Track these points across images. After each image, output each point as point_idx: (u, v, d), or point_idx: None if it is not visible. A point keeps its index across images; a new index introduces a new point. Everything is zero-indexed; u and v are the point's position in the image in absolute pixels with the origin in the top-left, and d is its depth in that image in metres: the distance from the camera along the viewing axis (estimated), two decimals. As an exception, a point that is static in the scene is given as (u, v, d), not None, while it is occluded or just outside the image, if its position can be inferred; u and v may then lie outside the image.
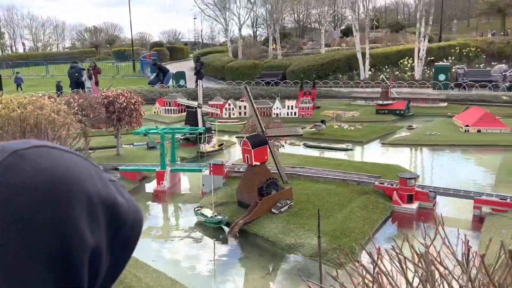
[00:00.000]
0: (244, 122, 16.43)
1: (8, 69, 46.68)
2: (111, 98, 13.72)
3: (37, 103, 11.19)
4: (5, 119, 5.53)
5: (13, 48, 79.13)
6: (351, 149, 16.27)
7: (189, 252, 8.95)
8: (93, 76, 27.73)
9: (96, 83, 29.21)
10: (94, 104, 12.87)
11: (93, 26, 75.99)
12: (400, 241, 2.63)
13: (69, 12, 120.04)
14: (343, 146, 16.51)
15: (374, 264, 2.33)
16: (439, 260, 2.16)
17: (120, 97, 13.84)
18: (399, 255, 2.33)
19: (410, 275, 2.38)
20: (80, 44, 78.97)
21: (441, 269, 2.08)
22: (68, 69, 29.43)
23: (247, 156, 9.67)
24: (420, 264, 2.16)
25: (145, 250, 8.65)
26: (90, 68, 28.96)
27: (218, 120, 21.73)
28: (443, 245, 2.52)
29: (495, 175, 12.10)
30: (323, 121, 18.70)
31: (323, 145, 16.88)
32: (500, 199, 9.27)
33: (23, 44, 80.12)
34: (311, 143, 17.08)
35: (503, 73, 28.68)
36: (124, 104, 13.73)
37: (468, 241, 2.08)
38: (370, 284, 2.36)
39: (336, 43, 48.44)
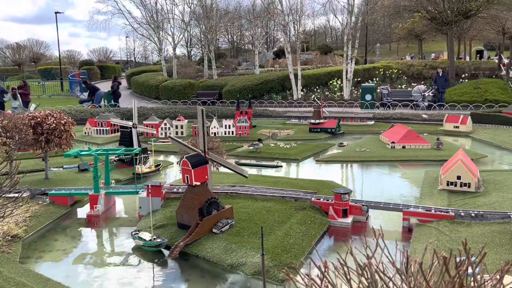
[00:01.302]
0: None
1: None
2: (39, 119, 12.96)
3: (-46, 125, 10.30)
4: None
5: None
6: (280, 166, 16.73)
7: (127, 278, 8.58)
8: (18, 96, 26.00)
9: (27, 103, 27.45)
10: (20, 126, 12.07)
11: (16, 43, 71.49)
12: (341, 253, 2.78)
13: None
14: (273, 163, 16.95)
15: (322, 276, 2.44)
16: (381, 269, 2.32)
17: (49, 117, 13.12)
18: (344, 267, 2.46)
19: (354, 286, 2.52)
20: (1, 61, 73.86)
21: (385, 278, 2.24)
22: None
23: (187, 176, 9.57)
24: (364, 274, 2.31)
25: (80, 279, 8.18)
26: (14, 88, 27.16)
27: (160, 140, 21.36)
28: (383, 255, 2.70)
29: (420, 188, 13.03)
30: (259, 140, 19.05)
31: (253, 162, 17.21)
32: (426, 210, 9.99)
33: None
34: (242, 161, 17.35)
35: (423, 93, 31.22)
36: (54, 125, 13.03)
37: (407, 250, 2.27)
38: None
39: (269, 64, 49.86)
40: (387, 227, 10.38)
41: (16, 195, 6.37)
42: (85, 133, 23.26)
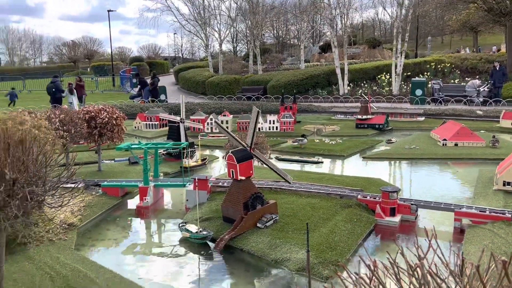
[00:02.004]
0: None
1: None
2: (92, 114, 13.57)
3: (18, 118, 10.99)
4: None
5: (-12, 63, 77.60)
6: (321, 162, 16.53)
7: (174, 268, 8.82)
8: (74, 91, 27.35)
9: (83, 96, 28.85)
10: (75, 120, 12.70)
11: (72, 40, 75.24)
12: (389, 253, 2.71)
13: (47, 27, 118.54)
14: (314, 159, 16.78)
15: (371, 275, 2.39)
16: (434, 271, 2.24)
17: (102, 112, 13.71)
18: (395, 267, 2.40)
19: (405, 286, 2.45)
20: (58, 58, 78.00)
21: (437, 279, 2.16)
22: (48, 83, 28.99)
23: (232, 171, 9.69)
24: (415, 275, 2.24)
25: (129, 267, 8.51)
26: (70, 83, 28.61)
27: (209, 135, 21.76)
28: (435, 256, 2.61)
29: (473, 188, 12.43)
30: (304, 135, 18.92)
31: (294, 158, 17.12)
32: (480, 211, 9.52)
33: (-1, 58, 78.78)
34: (282, 157, 17.31)
35: (477, 88, 29.66)
36: (106, 119, 13.60)
37: (462, 252, 2.17)
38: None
39: (315, 58, 49.27)
40: (437, 228, 10.00)
41: (72, 185, 6.71)
42: (135, 127, 24.11)
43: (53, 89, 28.26)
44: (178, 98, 31.10)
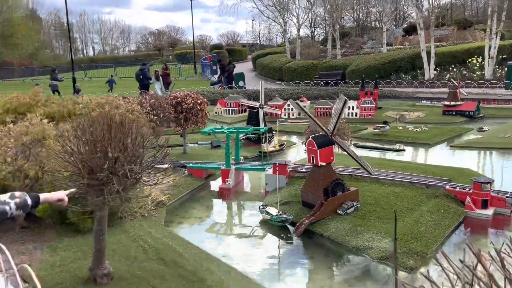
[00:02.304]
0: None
1: (80, 71, 49.73)
2: (179, 99, 14.28)
3: (113, 103, 11.92)
4: (95, 117, 5.98)
5: (84, 52, 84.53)
6: (403, 150, 15.79)
7: (254, 249, 9.09)
8: (160, 78, 28.90)
9: (168, 84, 30.46)
10: (163, 105, 13.47)
11: (157, 29, 79.27)
12: (478, 247, 2.56)
13: (134, 17, 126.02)
14: (395, 146, 16.07)
15: (475, 265, 2.29)
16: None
17: (188, 97, 14.37)
18: (504, 258, 2.27)
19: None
20: (145, 47, 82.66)
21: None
22: (137, 71, 30.93)
23: (313, 156, 9.68)
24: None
25: (212, 245, 8.93)
26: (156, 70, 30.27)
27: (288, 120, 21.91)
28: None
29: None
30: (386, 122, 18.23)
31: (373, 145, 16.55)
32: None
33: (93, 48, 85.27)
34: (360, 143, 16.82)
35: None
36: (191, 104, 14.24)
37: None
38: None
39: (398, 41, 46.89)
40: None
41: (162, 166, 7.15)
42: (215, 112, 24.92)
43: (141, 76, 30.11)
44: (256, 84, 31.45)
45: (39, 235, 7.92)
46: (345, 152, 10.21)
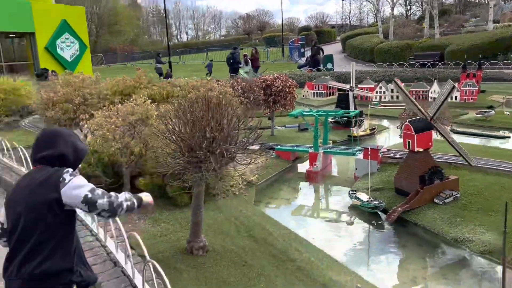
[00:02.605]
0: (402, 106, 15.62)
1: (175, 56, 52.40)
2: (268, 82, 14.43)
3: (207, 85, 12.41)
4: (195, 99, 6.28)
5: (178, 38, 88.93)
6: (508, 137, 14.30)
7: (341, 233, 8.99)
8: (249, 61, 29.44)
9: (257, 68, 31.01)
10: (254, 87, 13.72)
11: (246, 13, 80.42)
12: None
13: (225, 2, 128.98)
14: (499, 133, 14.61)
15: None
16: None
17: (277, 80, 14.46)
18: None
19: None
20: (234, 31, 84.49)
21: None
22: (228, 54, 31.82)
23: (409, 142, 9.20)
24: None
25: (299, 227, 8.99)
26: (245, 54, 30.86)
27: (381, 104, 21.15)
28: None
29: None
30: (491, 107, 16.68)
31: (473, 131, 15.20)
32: None
33: (187, 33, 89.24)
34: (458, 129, 15.53)
35: None
36: (280, 87, 14.31)
37: None
38: None
39: (507, 18, 42.22)
40: None
41: (253, 147, 7.29)
42: (303, 95, 24.77)
43: (231, 60, 30.90)
44: (345, 66, 30.65)
45: (142, 207, 8.62)
46: (444, 139, 9.56)
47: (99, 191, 2.78)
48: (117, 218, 5.15)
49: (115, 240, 5.59)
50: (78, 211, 2.94)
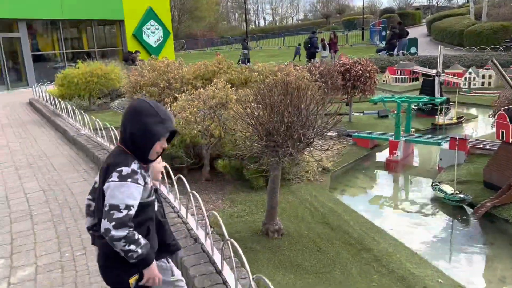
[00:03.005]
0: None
1: (253, 41, 52.96)
2: (347, 66, 14.04)
3: (285, 70, 12.38)
4: (274, 83, 6.31)
5: (256, 23, 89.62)
6: None
7: (422, 226, 8.59)
8: (326, 46, 28.90)
9: (335, 52, 30.40)
10: (332, 72, 13.43)
11: (325, -4, 78.57)
12: None
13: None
14: None
15: None
16: None
17: (356, 65, 14.01)
18: None
19: None
20: (312, 15, 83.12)
21: None
22: (306, 38, 31.47)
23: (503, 132, 8.47)
24: None
25: (378, 217, 8.74)
26: (323, 39, 30.31)
27: (474, 91, 19.75)
28: None
29: None
30: None
31: None
32: None
33: (264, 18, 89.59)
34: None
35: None
36: (360, 72, 13.85)
37: None
38: None
39: None
40: None
41: (331, 134, 7.17)
42: (383, 81, 23.79)
43: (309, 45, 30.51)
44: (430, 50, 28.85)
45: (220, 187, 8.93)
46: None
47: (123, 216, 2.58)
48: (199, 197, 5.39)
49: (195, 218, 5.86)
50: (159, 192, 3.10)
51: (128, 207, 2.58)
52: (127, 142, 2.74)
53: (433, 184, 9.59)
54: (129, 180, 2.62)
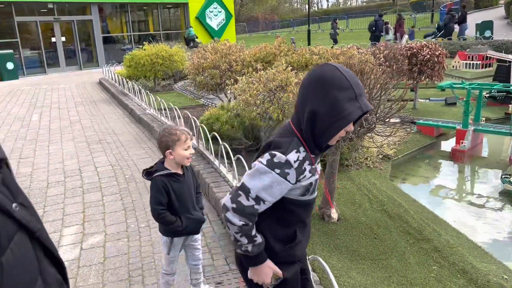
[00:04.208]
0: None
1: (314, 24, 52.04)
2: (414, 50, 13.40)
3: (348, 53, 12.08)
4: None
5: (319, 5, 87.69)
6: None
7: (488, 220, 8.14)
8: (390, 29, 27.76)
9: (401, 35, 29.16)
10: (397, 56, 12.90)
11: (392, -23, 74.90)
12: None
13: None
14: None
15: None
16: None
17: (424, 49, 13.33)
18: None
19: None
20: (378, -4, 79.81)
21: None
22: (371, 21, 30.38)
23: None
24: None
25: (440, 208, 8.42)
26: (386, 22, 29.12)
27: None
28: None
29: None
30: None
31: None
32: None
33: (327, 0, 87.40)
34: None
35: None
36: (428, 56, 13.18)
37: None
38: None
39: None
40: None
41: (395, 120, 6.94)
42: (453, 66, 22.45)
43: (373, 28, 29.42)
44: (508, 34, 26.73)
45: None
46: None
47: (247, 206, 2.08)
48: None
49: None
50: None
51: (258, 200, 2.08)
52: (302, 121, 2.12)
53: (503, 177, 9.02)
54: (277, 171, 2.06)
